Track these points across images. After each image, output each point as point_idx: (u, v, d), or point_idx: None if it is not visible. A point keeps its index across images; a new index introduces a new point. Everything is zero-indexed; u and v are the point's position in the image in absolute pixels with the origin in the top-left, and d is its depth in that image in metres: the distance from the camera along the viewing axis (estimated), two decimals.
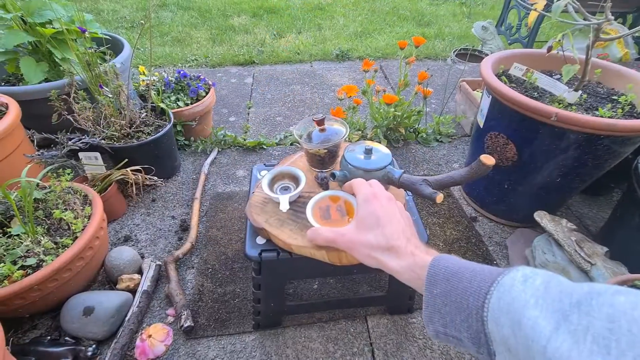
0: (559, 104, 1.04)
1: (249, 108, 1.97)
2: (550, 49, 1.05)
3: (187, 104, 1.55)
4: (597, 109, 1.02)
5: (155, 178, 1.35)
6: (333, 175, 0.79)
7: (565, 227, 1.06)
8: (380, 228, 0.44)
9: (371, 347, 0.96)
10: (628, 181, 1.00)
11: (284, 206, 0.76)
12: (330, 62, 2.55)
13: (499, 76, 1.18)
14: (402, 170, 0.79)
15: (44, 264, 0.85)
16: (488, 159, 0.70)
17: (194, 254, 1.18)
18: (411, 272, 0.39)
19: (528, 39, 2.30)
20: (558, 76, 1.20)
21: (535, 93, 1.12)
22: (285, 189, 0.84)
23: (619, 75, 1.15)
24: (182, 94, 1.57)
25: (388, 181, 0.80)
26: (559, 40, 1.01)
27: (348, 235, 0.48)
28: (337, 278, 1.10)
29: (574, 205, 1.39)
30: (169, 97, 1.54)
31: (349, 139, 1.57)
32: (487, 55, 1.42)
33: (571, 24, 0.98)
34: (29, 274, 0.83)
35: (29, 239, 0.87)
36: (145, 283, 1.03)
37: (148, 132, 1.32)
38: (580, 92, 1.04)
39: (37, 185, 0.91)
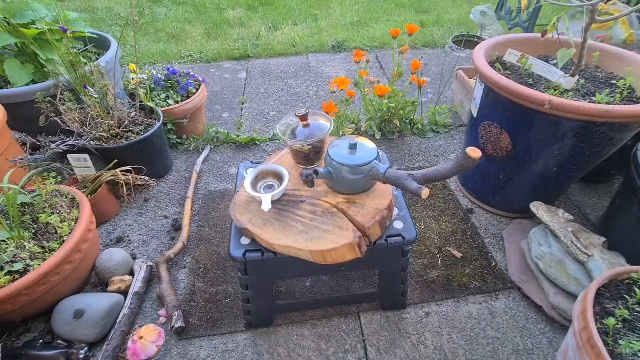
0: (555, 90, 1.00)
1: (243, 103, 1.95)
2: (545, 32, 1.01)
3: (177, 102, 1.53)
4: (594, 95, 0.98)
5: (147, 178, 1.34)
6: (316, 173, 0.77)
7: (561, 218, 1.03)
8: None
9: (364, 344, 0.95)
10: (627, 169, 0.96)
11: (266, 205, 0.74)
12: (326, 54, 2.50)
13: (492, 63, 1.14)
14: (387, 165, 0.77)
15: (30, 268, 0.85)
16: (474, 152, 0.67)
17: (186, 253, 1.17)
18: None
19: (528, 23, 2.23)
20: (555, 61, 1.15)
21: (530, 80, 1.08)
22: (269, 187, 0.83)
23: (619, 58, 1.10)
24: (172, 92, 1.55)
25: (374, 177, 0.78)
26: (554, 24, 0.96)
27: None
28: (329, 275, 1.09)
29: (574, 194, 1.36)
30: (158, 95, 1.52)
31: (342, 132, 1.55)
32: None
33: (569, 7, 0.93)
34: (16, 279, 0.83)
35: (15, 244, 0.87)
36: (137, 284, 1.03)
37: (137, 132, 1.31)
38: (577, 77, 1.00)
39: (22, 188, 0.90)
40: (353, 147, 0.79)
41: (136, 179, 1.30)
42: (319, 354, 0.94)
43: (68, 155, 1.16)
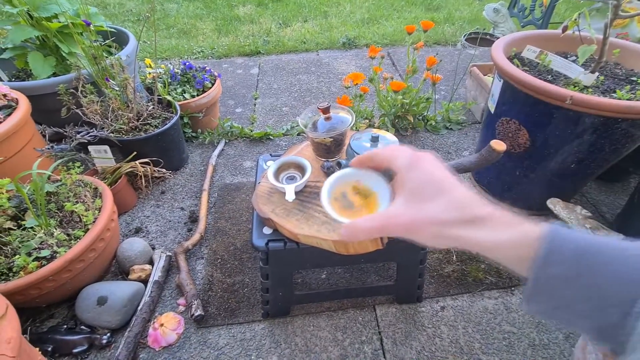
0: (574, 86, 1.00)
1: (255, 99, 1.96)
2: (565, 28, 1.00)
3: (193, 96, 1.54)
4: (614, 91, 0.98)
5: (164, 170, 1.36)
6: (339, 164, 0.78)
7: (579, 215, 1.03)
8: (447, 194, 0.32)
9: (380, 336, 0.96)
10: None
11: (290, 196, 0.76)
12: (337, 51, 2.50)
13: (511, 59, 1.14)
14: None
15: (57, 255, 0.87)
16: (499, 145, 0.68)
17: (203, 244, 1.19)
18: (513, 248, 0.30)
19: (542, 21, 2.21)
20: (573, 58, 1.15)
21: (549, 76, 1.07)
22: (291, 179, 0.84)
23: (639, 54, 1.10)
24: (188, 86, 1.56)
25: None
26: (575, 20, 0.96)
27: (403, 216, 0.34)
28: (346, 267, 1.10)
29: (590, 192, 1.35)
30: (175, 89, 1.54)
31: (355, 128, 1.55)
32: (498, 38, 1.37)
33: (589, 2, 0.93)
34: (44, 265, 0.85)
35: (42, 231, 0.89)
36: (156, 273, 1.05)
37: (155, 125, 1.33)
38: (597, 73, 1.00)
39: (49, 178, 0.93)
40: (375, 139, 0.80)
41: (154, 171, 1.33)
42: (336, 344, 0.95)
43: (89, 147, 1.18)
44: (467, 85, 1.82)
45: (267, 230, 0.81)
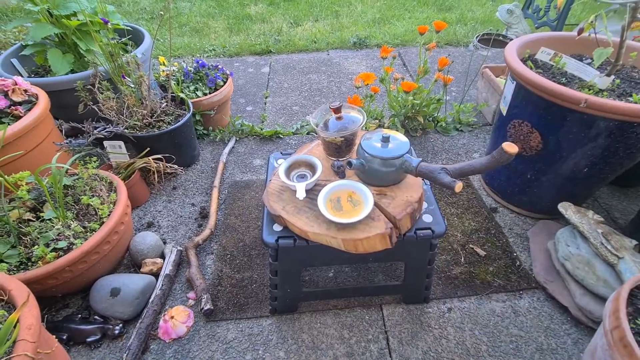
0: (589, 90, 0.99)
1: (266, 97, 1.98)
2: (581, 31, 0.99)
3: (205, 94, 1.57)
4: (630, 95, 0.96)
5: (176, 166, 1.38)
6: (350, 164, 0.79)
7: (591, 219, 1.01)
8: None
9: (386, 335, 0.97)
10: None
11: (301, 194, 0.77)
12: (348, 50, 2.51)
13: (524, 61, 1.13)
14: (420, 159, 0.78)
15: (74, 246, 0.90)
16: (511, 147, 0.68)
17: (213, 240, 1.21)
18: None
19: (557, 22, 2.18)
20: (589, 60, 1.14)
21: (563, 79, 1.06)
22: (302, 177, 0.85)
23: None
24: (200, 84, 1.59)
25: (406, 170, 0.79)
26: (591, 22, 0.95)
27: None
28: (353, 266, 1.11)
29: (602, 197, 1.33)
30: (188, 87, 1.56)
31: (365, 128, 1.56)
32: (512, 40, 1.35)
33: (606, 4, 0.92)
34: (61, 256, 0.87)
35: (60, 223, 0.92)
36: (168, 267, 1.07)
37: (168, 122, 1.35)
38: (612, 77, 0.99)
39: (66, 171, 0.95)
40: (386, 140, 0.80)
41: (166, 167, 1.35)
42: (342, 342, 0.96)
43: (105, 142, 1.21)
44: (479, 86, 1.80)
45: (277, 227, 0.82)
